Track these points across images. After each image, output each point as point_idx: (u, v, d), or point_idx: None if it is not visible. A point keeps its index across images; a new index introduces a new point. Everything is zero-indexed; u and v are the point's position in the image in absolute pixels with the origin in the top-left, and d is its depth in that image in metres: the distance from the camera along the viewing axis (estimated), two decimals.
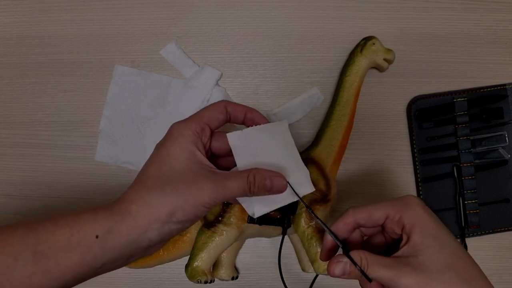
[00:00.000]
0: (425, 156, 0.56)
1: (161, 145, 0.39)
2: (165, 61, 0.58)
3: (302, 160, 0.44)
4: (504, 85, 0.56)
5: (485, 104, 0.56)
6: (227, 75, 0.58)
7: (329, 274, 0.38)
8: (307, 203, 0.49)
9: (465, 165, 0.55)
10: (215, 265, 0.53)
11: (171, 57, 0.58)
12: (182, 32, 0.58)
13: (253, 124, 0.42)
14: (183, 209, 0.36)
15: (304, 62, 0.58)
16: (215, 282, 0.50)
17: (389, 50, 0.54)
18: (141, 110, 0.58)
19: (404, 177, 0.57)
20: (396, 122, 0.57)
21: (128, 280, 0.57)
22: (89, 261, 0.34)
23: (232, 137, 0.41)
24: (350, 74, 0.54)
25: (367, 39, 0.55)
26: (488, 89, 0.56)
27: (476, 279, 0.36)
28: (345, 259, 0.37)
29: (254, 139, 0.41)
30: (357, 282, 0.56)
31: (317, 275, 0.54)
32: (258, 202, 0.40)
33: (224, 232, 0.49)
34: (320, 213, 0.49)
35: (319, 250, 0.48)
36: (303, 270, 0.54)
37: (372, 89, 0.57)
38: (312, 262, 0.49)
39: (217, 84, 0.58)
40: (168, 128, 0.40)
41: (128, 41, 0.58)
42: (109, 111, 0.58)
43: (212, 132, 0.41)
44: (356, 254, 0.37)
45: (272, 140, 0.41)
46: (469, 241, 0.55)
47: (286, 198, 0.41)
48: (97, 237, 0.34)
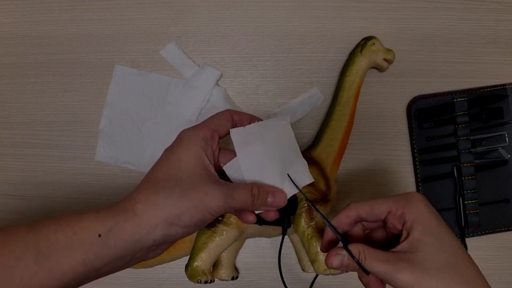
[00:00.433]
0: (425, 156, 0.56)
1: (170, 149, 0.39)
2: (165, 61, 0.58)
3: None
4: (504, 85, 0.56)
5: (485, 104, 0.56)
6: (227, 75, 0.58)
7: (327, 266, 0.39)
8: (306, 203, 0.49)
9: (465, 165, 0.55)
10: (215, 265, 0.53)
11: (171, 57, 0.58)
12: (182, 32, 0.58)
13: None
14: (190, 214, 0.36)
15: (304, 62, 0.58)
16: (215, 282, 0.50)
17: (389, 50, 0.54)
18: (141, 110, 0.58)
19: (404, 177, 0.57)
20: (396, 122, 0.57)
21: (128, 280, 0.57)
22: (91, 260, 0.34)
23: (234, 132, 0.41)
24: (350, 74, 0.54)
25: (367, 39, 0.55)
26: (488, 89, 0.56)
27: (475, 279, 0.36)
28: (344, 251, 0.38)
29: (255, 134, 0.41)
30: (358, 283, 0.56)
31: (317, 275, 0.54)
32: None
33: (224, 232, 0.49)
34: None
35: (319, 250, 0.48)
36: (303, 270, 0.54)
37: (372, 89, 0.57)
38: (312, 262, 0.49)
39: (217, 84, 0.58)
40: (167, 127, 0.40)
41: (128, 41, 0.58)
42: (109, 111, 0.58)
43: (221, 138, 0.42)
44: (354, 248, 0.37)
45: (273, 134, 0.42)
46: (469, 241, 0.55)
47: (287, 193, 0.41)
48: (99, 236, 0.34)
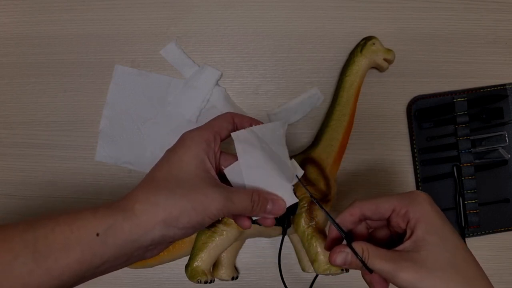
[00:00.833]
0: (425, 156, 0.56)
1: (172, 150, 0.39)
2: (165, 61, 0.58)
3: (303, 160, 0.51)
4: (504, 85, 0.56)
5: (485, 104, 0.56)
6: (227, 75, 0.58)
7: (330, 263, 0.39)
8: (306, 203, 0.49)
9: (465, 165, 0.55)
10: (215, 265, 0.53)
11: (171, 57, 0.58)
12: (182, 32, 0.58)
13: None
14: (189, 215, 0.36)
15: (304, 62, 0.58)
16: (215, 282, 0.50)
17: (389, 50, 0.54)
18: (141, 110, 0.58)
19: (404, 177, 0.57)
20: (396, 122, 0.57)
21: (128, 280, 0.57)
22: (88, 258, 0.34)
23: (236, 135, 0.41)
24: (350, 74, 0.54)
25: (367, 39, 0.55)
26: (488, 89, 0.56)
27: (477, 279, 0.36)
28: (347, 249, 0.38)
29: (255, 138, 0.42)
30: (358, 283, 0.56)
31: (317, 275, 0.54)
32: None
33: (224, 232, 0.49)
34: (320, 213, 0.49)
35: (319, 250, 0.48)
36: (303, 270, 0.54)
37: (372, 89, 0.57)
38: (312, 262, 0.49)
39: (217, 84, 0.58)
40: (167, 127, 0.40)
41: (128, 41, 0.58)
42: (109, 111, 0.58)
43: (222, 140, 0.42)
44: (358, 245, 0.37)
45: (270, 139, 0.43)
46: (469, 241, 0.55)
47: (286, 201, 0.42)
48: (97, 234, 0.34)
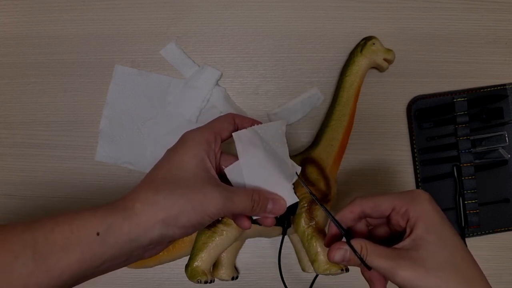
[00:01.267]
0: (425, 156, 0.56)
1: (172, 150, 0.39)
2: (165, 61, 0.58)
3: (303, 160, 0.52)
4: (504, 85, 0.56)
5: (485, 104, 0.56)
6: (227, 75, 0.58)
7: (329, 259, 0.39)
8: (306, 203, 0.49)
9: (465, 165, 0.55)
10: (215, 265, 0.53)
11: (171, 57, 0.58)
12: (182, 32, 0.58)
13: None
14: (189, 215, 0.36)
15: (304, 62, 0.58)
16: (215, 282, 0.50)
17: (389, 50, 0.54)
18: (141, 110, 0.58)
19: (404, 177, 0.57)
20: (396, 122, 0.57)
21: (128, 280, 0.57)
22: (88, 258, 0.34)
23: (237, 135, 0.42)
24: (350, 74, 0.54)
25: (367, 39, 0.55)
26: (488, 89, 0.56)
27: (475, 279, 0.36)
28: (346, 246, 0.38)
29: (256, 138, 0.42)
30: (358, 283, 0.56)
31: (317, 275, 0.54)
32: None
33: (224, 232, 0.49)
34: (320, 213, 0.49)
35: (319, 250, 0.48)
36: (303, 270, 0.54)
37: (372, 89, 0.57)
38: (312, 262, 0.49)
39: (217, 84, 0.58)
40: (167, 127, 0.40)
41: (128, 41, 0.58)
42: (109, 111, 0.58)
43: (223, 141, 0.42)
44: (357, 243, 0.38)
45: (271, 138, 0.43)
46: (469, 241, 0.55)
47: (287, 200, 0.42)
48: (98, 234, 0.34)
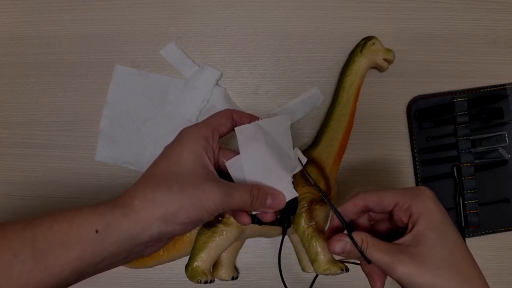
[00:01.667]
0: (425, 156, 0.56)
1: (170, 146, 0.40)
2: (165, 61, 0.58)
3: None
4: (504, 85, 0.56)
5: (485, 104, 0.56)
6: (227, 75, 0.58)
7: (329, 250, 0.39)
8: (306, 203, 0.49)
9: (465, 165, 0.55)
10: (215, 265, 0.53)
11: (171, 57, 0.58)
12: (182, 32, 0.58)
13: None
14: (187, 211, 0.36)
15: (304, 62, 0.58)
16: (215, 282, 0.50)
17: (389, 50, 0.54)
18: (141, 110, 0.58)
19: (404, 177, 0.57)
20: (396, 122, 0.57)
21: (127, 280, 0.57)
22: (88, 256, 0.34)
23: (239, 130, 0.42)
24: (350, 74, 0.54)
25: (367, 39, 0.55)
26: (488, 89, 0.56)
27: (474, 278, 0.36)
28: (347, 238, 0.38)
29: (259, 132, 0.42)
30: (358, 283, 0.56)
31: (317, 275, 0.54)
32: None
33: (224, 232, 0.49)
34: (320, 213, 0.49)
35: (319, 250, 0.48)
36: (303, 270, 0.54)
37: (372, 89, 0.57)
38: (312, 262, 0.49)
39: (217, 84, 0.58)
40: (167, 127, 0.40)
41: (128, 41, 0.58)
42: (109, 111, 0.58)
43: (221, 137, 0.42)
44: (357, 235, 0.38)
45: (274, 133, 0.43)
46: (469, 241, 0.55)
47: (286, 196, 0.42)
48: (97, 231, 0.34)
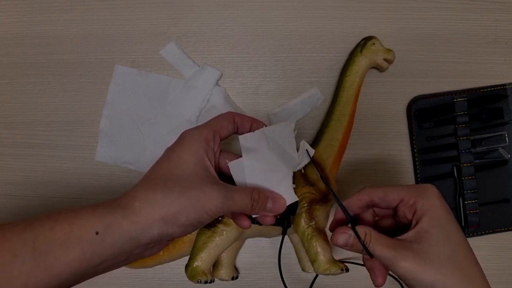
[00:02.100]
0: (425, 156, 0.56)
1: (171, 148, 0.40)
2: (165, 61, 0.58)
3: None
4: (504, 85, 0.56)
5: (485, 104, 0.56)
6: (227, 75, 0.58)
7: (333, 243, 0.39)
8: (306, 203, 0.49)
9: (465, 165, 0.55)
10: (215, 265, 0.53)
11: (171, 57, 0.58)
12: (182, 32, 0.58)
13: None
14: (188, 213, 0.36)
15: (304, 62, 0.58)
16: (215, 282, 0.50)
17: (389, 50, 0.54)
18: (141, 110, 0.58)
19: (404, 177, 0.57)
20: (396, 122, 0.57)
21: (128, 280, 0.57)
22: (88, 257, 0.34)
23: (243, 138, 0.42)
24: (350, 74, 0.54)
25: (367, 39, 0.55)
26: (488, 89, 0.56)
27: (476, 277, 0.36)
28: (350, 231, 0.38)
29: (262, 140, 0.42)
30: (358, 283, 0.56)
31: (317, 275, 0.54)
32: None
33: (224, 232, 0.49)
34: (320, 213, 0.49)
35: (319, 250, 0.48)
36: (303, 270, 0.54)
37: (372, 89, 0.57)
38: (312, 262, 0.49)
39: (217, 84, 0.58)
40: (167, 127, 0.40)
41: (128, 41, 0.58)
42: (109, 111, 0.58)
43: (222, 140, 0.42)
44: (361, 229, 0.38)
45: (277, 139, 0.43)
46: (469, 241, 0.54)
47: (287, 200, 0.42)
48: (97, 233, 0.34)
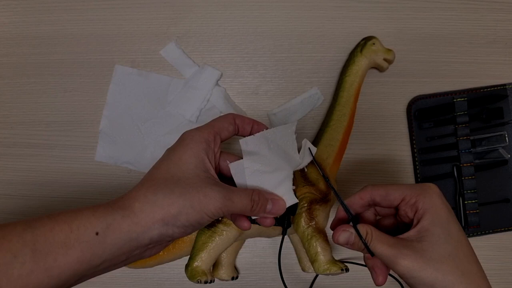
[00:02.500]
0: (425, 156, 0.56)
1: (171, 149, 0.40)
2: (165, 61, 0.58)
3: None
4: (504, 85, 0.56)
5: (485, 104, 0.56)
6: (227, 75, 0.58)
7: (334, 241, 0.39)
8: (306, 203, 0.49)
9: (465, 165, 0.55)
10: (215, 265, 0.53)
11: (171, 57, 0.58)
12: (182, 32, 0.58)
13: None
14: (187, 214, 0.36)
15: (304, 62, 0.58)
16: (215, 282, 0.50)
17: (389, 50, 0.54)
18: (141, 110, 0.58)
19: (404, 177, 0.57)
20: (396, 122, 0.57)
21: (128, 280, 0.57)
22: (88, 258, 0.34)
23: (244, 142, 0.42)
24: (350, 74, 0.54)
25: (367, 39, 0.55)
26: (488, 89, 0.56)
27: (476, 275, 0.37)
28: (351, 229, 0.39)
29: (263, 143, 0.42)
30: (358, 283, 0.56)
31: (317, 275, 0.54)
32: None
33: (224, 232, 0.49)
34: (320, 213, 0.49)
35: (319, 250, 0.48)
36: (303, 270, 0.54)
37: (372, 89, 0.57)
38: (312, 262, 0.49)
39: (217, 84, 0.58)
40: (167, 127, 0.40)
41: (128, 41, 0.58)
42: (109, 111, 0.58)
43: (223, 141, 0.42)
44: (362, 228, 0.38)
45: (278, 142, 0.43)
46: (469, 241, 0.55)
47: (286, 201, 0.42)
48: (97, 234, 0.34)
